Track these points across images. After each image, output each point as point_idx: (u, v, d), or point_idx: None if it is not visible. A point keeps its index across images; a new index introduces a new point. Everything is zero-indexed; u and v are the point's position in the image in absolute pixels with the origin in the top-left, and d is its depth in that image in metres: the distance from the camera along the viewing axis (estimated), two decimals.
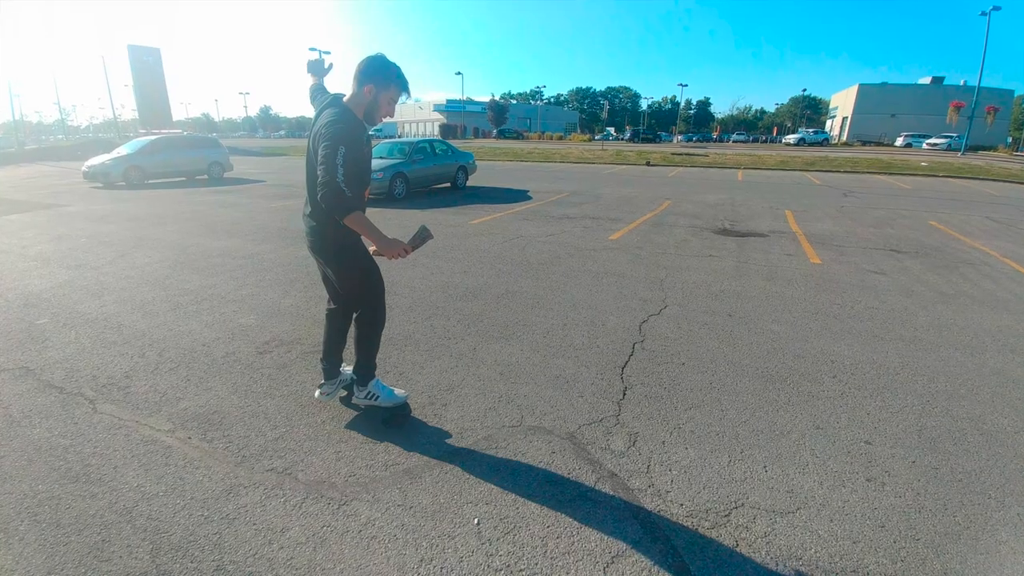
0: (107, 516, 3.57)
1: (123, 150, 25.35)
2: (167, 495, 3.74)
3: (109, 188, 22.74)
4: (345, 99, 4.01)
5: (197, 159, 26.72)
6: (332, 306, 4.67)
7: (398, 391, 4.73)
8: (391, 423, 4.54)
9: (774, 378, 5.42)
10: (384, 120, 4.14)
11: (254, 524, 3.50)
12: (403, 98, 4.17)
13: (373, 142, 4.46)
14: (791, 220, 14.78)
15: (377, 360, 4.68)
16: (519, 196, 19.42)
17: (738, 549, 3.31)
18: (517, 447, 4.23)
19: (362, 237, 4.02)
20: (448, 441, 4.34)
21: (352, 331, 4.57)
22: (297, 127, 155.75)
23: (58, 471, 3.99)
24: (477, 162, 25.23)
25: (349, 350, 4.81)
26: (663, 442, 4.33)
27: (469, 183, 23.27)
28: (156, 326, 6.67)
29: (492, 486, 3.81)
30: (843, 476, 4.00)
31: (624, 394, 5.06)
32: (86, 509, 3.62)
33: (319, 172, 3.66)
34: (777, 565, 3.21)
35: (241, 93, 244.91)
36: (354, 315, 4.50)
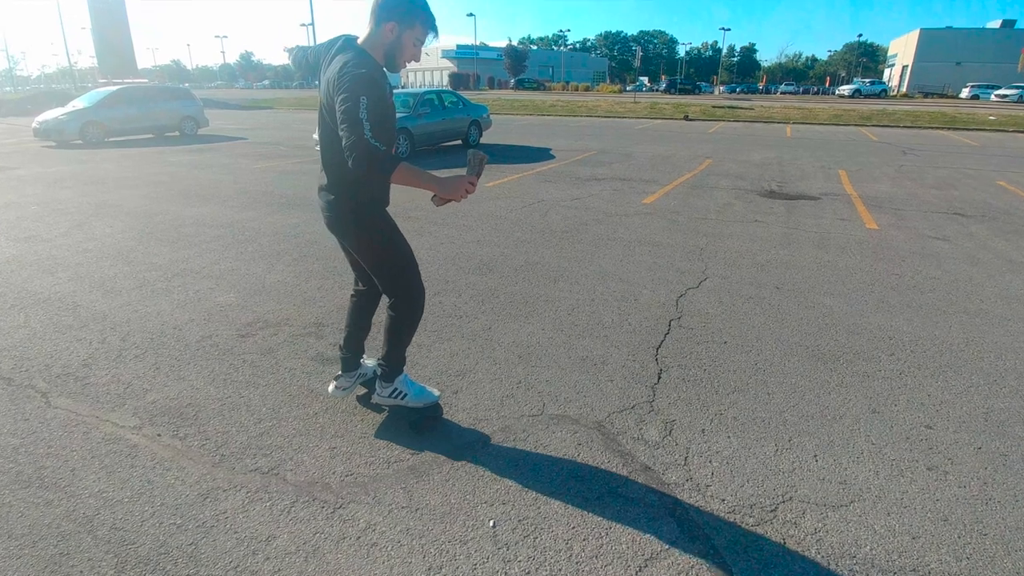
0: (64, 526, 3.45)
1: (80, 103, 24.79)
2: (133, 501, 3.64)
3: (64, 147, 22.55)
4: (360, 41, 3.69)
5: (166, 113, 26.39)
6: (360, 287, 4.52)
7: (430, 388, 4.57)
8: (421, 427, 4.34)
9: (826, 357, 5.42)
10: (408, 65, 3.88)
11: (235, 532, 3.41)
12: (430, 38, 3.84)
13: None
14: (845, 181, 14.68)
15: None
16: (540, 155, 19.37)
17: (785, 547, 3.33)
18: (538, 439, 4.25)
19: (381, 216, 3.93)
20: (459, 434, 4.33)
21: (384, 318, 4.30)
22: (284, 76, 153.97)
23: (7, 475, 3.87)
24: (492, 116, 25.05)
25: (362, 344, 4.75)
26: (702, 431, 4.35)
27: (483, 140, 23.16)
28: (119, 307, 6.60)
29: (510, 483, 3.81)
30: (901, 465, 4.01)
31: (659, 378, 5.07)
32: (40, 518, 3.50)
33: (342, 134, 3.38)
34: (828, 564, 3.22)
35: (217, 37, 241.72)
36: (389, 302, 4.20)
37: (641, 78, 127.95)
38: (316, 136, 18.77)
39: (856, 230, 9.91)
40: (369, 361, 4.83)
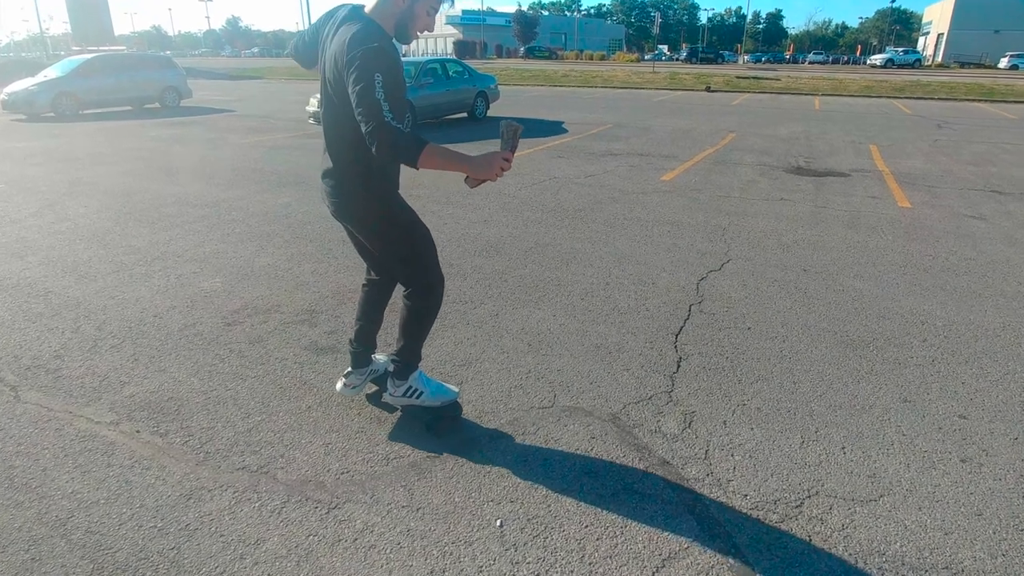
0: (36, 530, 3.39)
1: (52, 73, 24.62)
2: (110, 503, 3.58)
3: (34, 121, 22.49)
4: (367, 9, 3.56)
5: (146, 83, 26.28)
6: (372, 276, 4.41)
7: (448, 385, 4.48)
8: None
9: (855, 343, 5.42)
10: (420, 36, 3.79)
11: (221, 536, 3.35)
12: (446, 6, 3.77)
13: None
14: (876, 156, 14.64)
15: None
16: (552, 128, 19.34)
17: (811, 544, 3.33)
18: (549, 432, 4.25)
19: (391, 199, 3.86)
20: (464, 428, 4.32)
21: (400, 308, 4.17)
22: (275, 43, 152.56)
23: None
24: (500, 87, 25.00)
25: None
26: (724, 422, 4.35)
27: (490, 112, 23.10)
28: (94, 293, 6.53)
29: (518, 480, 3.80)
30: (934, 457, 4.01)
31: (678, 366, 5.08)
32: (10, 522, 3.44)
33: (359, 119, 3.27)
34: (856, 562, 3.23)
35: (202, 0, 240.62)
36: (405, 292, 4.07)
37: (660, 46, 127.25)
38: (310, 108, 18.89)
39: (888, 208, 9.88)
40: (381, 357, 4.75)
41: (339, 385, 4.58)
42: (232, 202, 10.34)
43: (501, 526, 3.45)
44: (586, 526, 3.45)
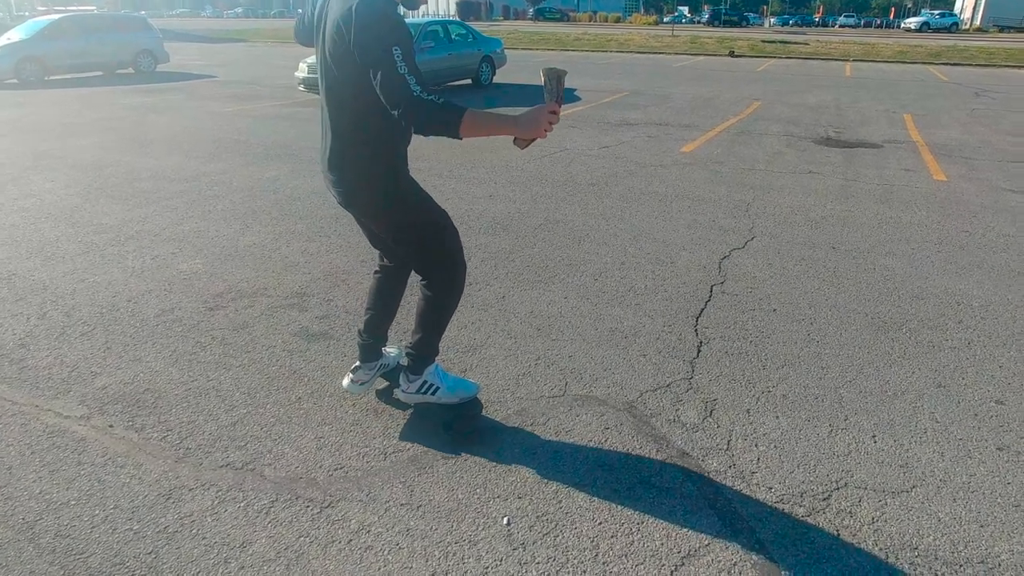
0: (1, 533, 3.32)
1: (15, 35, 24.18)
2: (81, 504, 3.51)
3: None
4: None
5: (118, 47, 25.98)
6: (385, 263, 4.30)
7: (466, 379, 4.41)
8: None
9: (887, 325, 5.42)
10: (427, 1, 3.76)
11: (203, 538, 3.29)
12: None
13: None
14: (911, 126, 14.58)
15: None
16: (563, 96, 19.20)
17: (839, 539, 3.33)
18: (560, 423, 4.24)
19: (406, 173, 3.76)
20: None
21: (417, 296, 4.06)
22: (260, 3, 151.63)
23: None
24: (507, 52, 24.87)
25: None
26: (747, 410, 4.35)
27: (496, 79, 23.07)
28: (62, 276, 6.44)
29: (526, 474, 3.79)
30: (969, 445, 4.00)
31: (699, 351, 5.07)
32: None
33: (387, 103, 3.20)
34: (887, 557, 3.22)
35: None
36: (423, 281, 3.97)
37: (680, 8, 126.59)
38: (299, 74, 18.80)
39: (922, 182, 9.85)
40: (391, 349, 4.68)
41: (346, 381, 4.44)
42: (214, 176, 10.29)
43: (508, 524, 3.43)
44: (599, 523, 3.44)
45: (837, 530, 3.39)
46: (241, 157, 11.64)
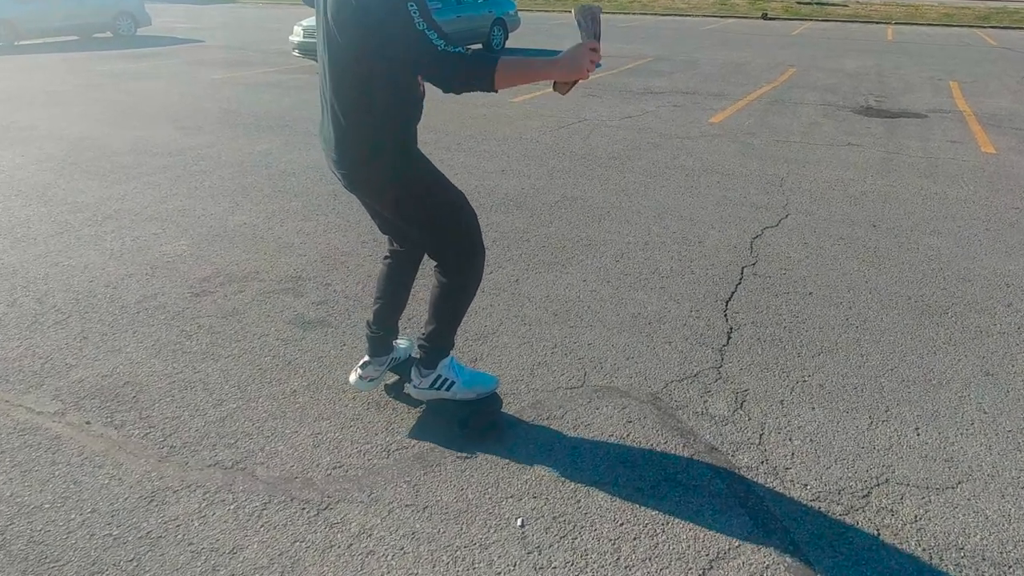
0: None
1: None
2: (56, 508, 3.46)
3: None
4: None
5: (96, 8, 25.75)
6: (395, 247, 4.22)
7: (484, 373, 4.39)
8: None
9: (931, 309, 5.40)
10: None
11: (190, 544, 3.25)
12: None
13: None
14: (957, 94, 14.49)
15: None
16: None
17: (880, 539, 3.32)
18: (578, 416, 4.23)
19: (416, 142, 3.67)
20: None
21: (431, 284, 4.02)
22: None
23: None
24: (521, 13, 24.75)
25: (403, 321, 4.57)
26: (781, 401, 4.33)
27: (509, 43, 22.95)
28: (34, 259, 6.35)
29: (542, 472, 3.77)
30: (1019, 437, 3.98)
31: (729, 338, 5.06)
32: None
33: (412, 65, 3.24)
34: (931, 558, 3.21)
35: None
36: (437, 267, 3.93)
37: None
38: (294, 39, 18.72)
39: (970, 155, 9.79)
40: (402, 341, 4.66)
41: (353, 377, 4.38)
42: (201, 150, 10.24)
43: (522, 526, 3.41)
44: (621, 524, 3.43)
45: (877, 530, 3.37)
46: (230, 129, 11.60)
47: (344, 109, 3.45)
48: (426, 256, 4.06)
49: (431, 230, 3.81)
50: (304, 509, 3.50)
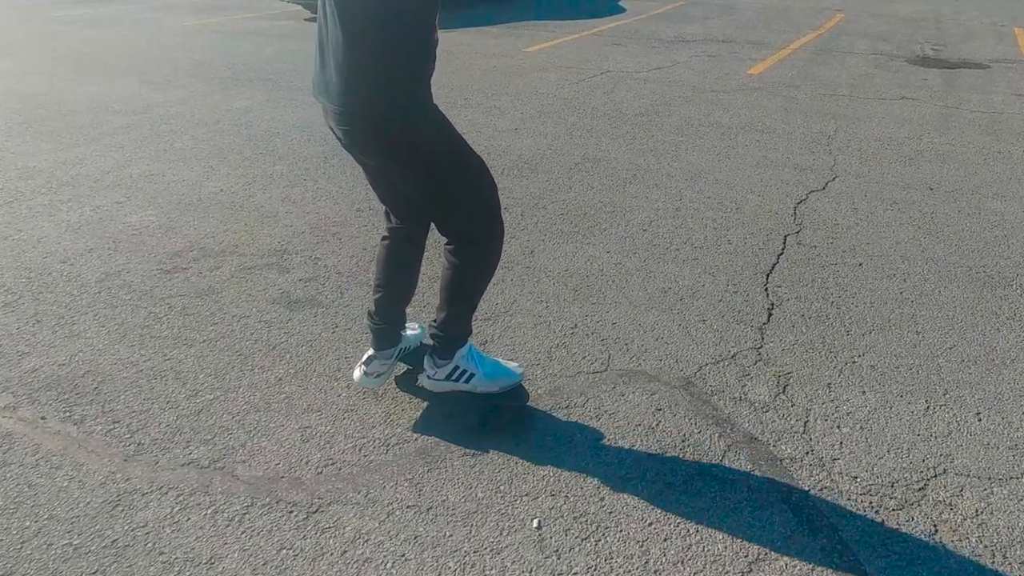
0: None
1: None
2: (8, 514, 3.37)
3: None
4: None
5: None
6: (394, 224, 4.06)
7: (508, 363, 4.23)
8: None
9: (994, 281, 5.40)
10: None
11: (161, 554, 3.15)
12: None
13: None
14: (1023, 42, 14.37)
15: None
16: (604, 7, 19.11)
17: (937, 536, 3.30)
18: (601, 404, 4.21)
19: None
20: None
21: (444, 269, 3.88)
22: None
23: None
24: None
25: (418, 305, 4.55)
26: (828, 385, 4.32)
27: None
28: None
29: (561, 468, 3.72)
30: None
31: (770, 315, 5.05)
32: None
33: None
34: (994, 556, 3.19)
35: None
36: (448, 244, 3.80)
37: None
38: None
39: None
40: (412, 328, 4.54)
41: (357, 375, 4.22)
42: (170, 107, 10.16)
43: (539, 527, 3.37)
44: (650, 524, 3.41)
45: (935, 525, 3.36)
46: (204, 83, 11.53)
47: (354, 55, 3.30)
48: (437, 234, 3.97)
49: (445, 202, 3.67)
50: (291, 512, 3.42)
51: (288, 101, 10.29)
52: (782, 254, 5.84)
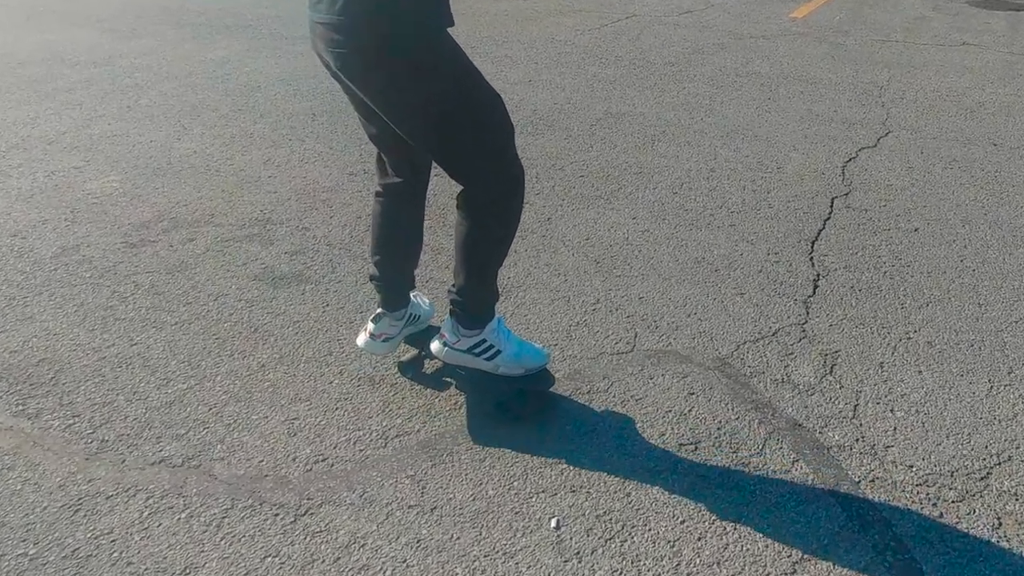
0: None
1: None
2: None
3: None
4: None
5: None
6: (391, 179, 3.85)
7: (535, 344, 4.14)
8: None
9: None
10: None
11: (129, 564, 3.07)
12: None
13: None
14: None
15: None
16: None
17: (1002, 530, 3.30)
18: (627, 388, 4.20)
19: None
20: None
21: (457, 226, 3.70)
22: None
23: None
24: None
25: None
26: (880, 364, 4.32)
27: None
28: None
29: (582, 460, 3.70)
30: None
31: (815, 287, 5.05)
32: None
33: None
34: None
35: None
36: (461, 195, 3.58)
37: None
38: None
39: None
40: (423, 298, 4.44)
41: (362, 339, 4.08)
42: (136, 58, 10.02)
43: (557, 527, 3.34)
44: (682, 521, 3.39)
45: (999, 518, 3.35)
46: (174, 30, 11.40)
47: None
48: (442, 196, 3.87)
49: (455, 144, 3.41)
50: (277, 515, 3.36)
51: (271, 51, 10.20)
52: (829, 219, 5.83)
